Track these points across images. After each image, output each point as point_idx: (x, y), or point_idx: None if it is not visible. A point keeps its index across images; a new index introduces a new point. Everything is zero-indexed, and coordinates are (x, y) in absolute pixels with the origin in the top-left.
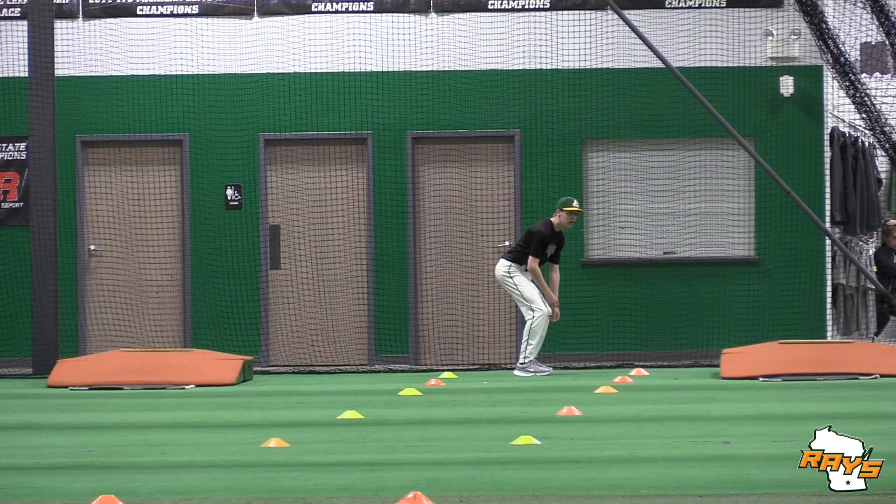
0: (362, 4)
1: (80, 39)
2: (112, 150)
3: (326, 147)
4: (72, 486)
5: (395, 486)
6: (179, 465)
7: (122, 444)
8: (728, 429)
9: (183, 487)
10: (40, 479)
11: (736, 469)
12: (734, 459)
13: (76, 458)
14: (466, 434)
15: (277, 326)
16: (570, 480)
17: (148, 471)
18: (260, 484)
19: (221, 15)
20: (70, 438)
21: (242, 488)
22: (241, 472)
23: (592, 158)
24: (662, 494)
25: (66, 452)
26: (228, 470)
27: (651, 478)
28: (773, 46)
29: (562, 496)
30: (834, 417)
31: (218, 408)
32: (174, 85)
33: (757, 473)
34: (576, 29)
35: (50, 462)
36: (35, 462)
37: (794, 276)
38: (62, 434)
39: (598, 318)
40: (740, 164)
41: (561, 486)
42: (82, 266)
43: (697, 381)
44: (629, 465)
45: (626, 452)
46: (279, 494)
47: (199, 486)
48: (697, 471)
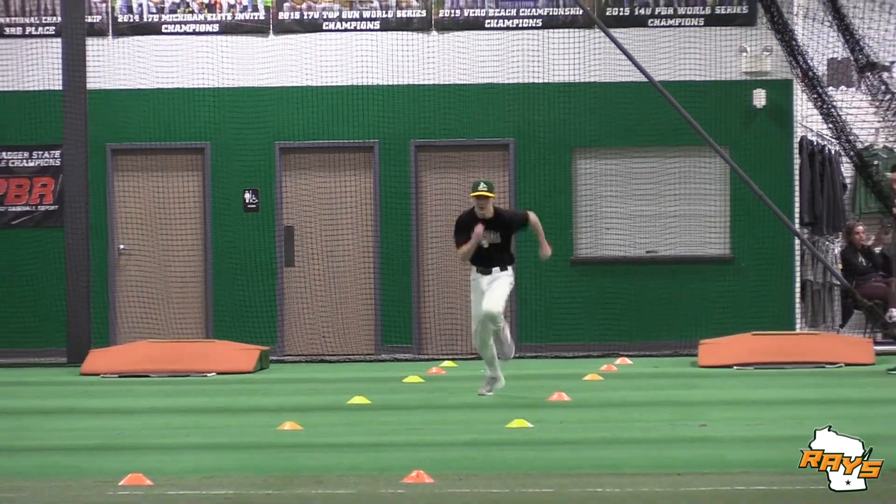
0: (369, 23)
1: (110, 55)
2: (139, 158)
3: (336, 154)
4: (103, 465)
5: (399, 465)
6: (202, 446)
7: (149, 427)
8: (705, 413)
9: (205, 467)
10: (74, 459)
11: (712, 450)
12: (711, 441)
13: (107, 440)
14: (465, 418)
15: (292, 319)
16: (559, 460)
17: (173, 451)
18: (276, 463)
19: (240, 33)
20: (101, 422)
21: (259, 467)
22: (258, 453)
23: (581, 165)
24: (644, 473)
25: (97, 434)
26: (247, 451)
27: (634, 458)
28: (747, 62)
29: (552, 474)
30: (803, 403)
31: (237, 394)
32: (196, 97)
33: (732, 454)
34: (565, 46)
35: (83, 443)
36: (69, 443)
37: (765, 273)
38: (94, 418)
39: (585, 312)
40: (717, 171)
41: (551, 465)
42: (112, 264)
43: (677, 370)
44: (614, 446)
45: (611, 434)
46: (293, 473)
47: (219, 465)
48: (677, 451)
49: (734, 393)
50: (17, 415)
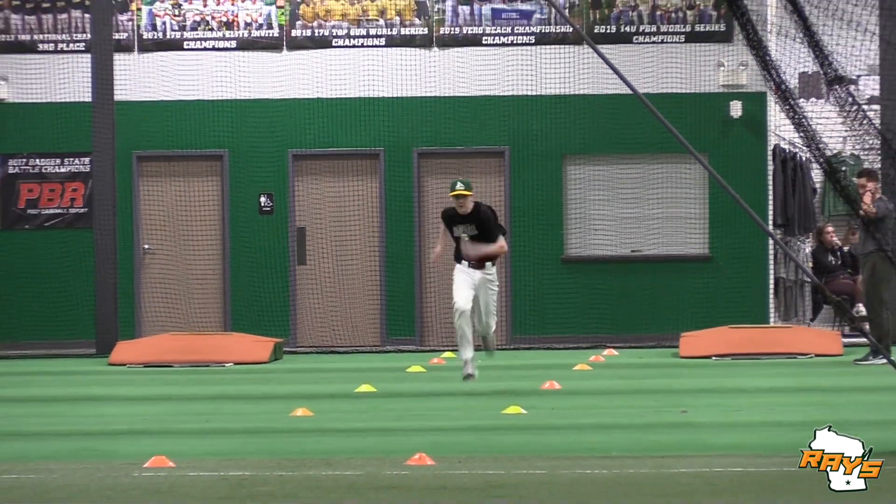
0: (375, 40)
1: (135, 70)
2: (163, 164)
3: (345, 161)
4: (129, 448)
5: (403, 449)
6: (220, 430)
7: (171, 413)
8: (686, 400)
9: (223, 450)
10: (102, 443)
11: (692, 434)
12: (691, 426)
13: (132, 425)
14: (464, 405)
15: (303, 313)
16: (551, 444)
17: (194, 436)
18: (289, 447)
19: (255, 49)
20: (127, 408)
21: (274, 451)
22: (272, 437)
23: (571, 171)
24: (630, 456)
25: (124, 420)
26: (262, 435)
27: (620, 441)
28: (724, 75)
29: (545, 457)
30: (776, 391)
31: (253, 382)
32: (215, 108)
33: (711, 438)
34: (556, 61)
35: (110, 428)
36: (98, 428)
37: (741, 270)
38: (121, 405)
39: (575, 307)
40: (696, 176)
41: (544, 448)
42: (138, 262)
43: (660, 360)
44: (602, 431)
45: (599, 420)
46: (305, 456)
47: (237, 448)
48: (660, 436)
49: (713, 382)
50: (50, 402)
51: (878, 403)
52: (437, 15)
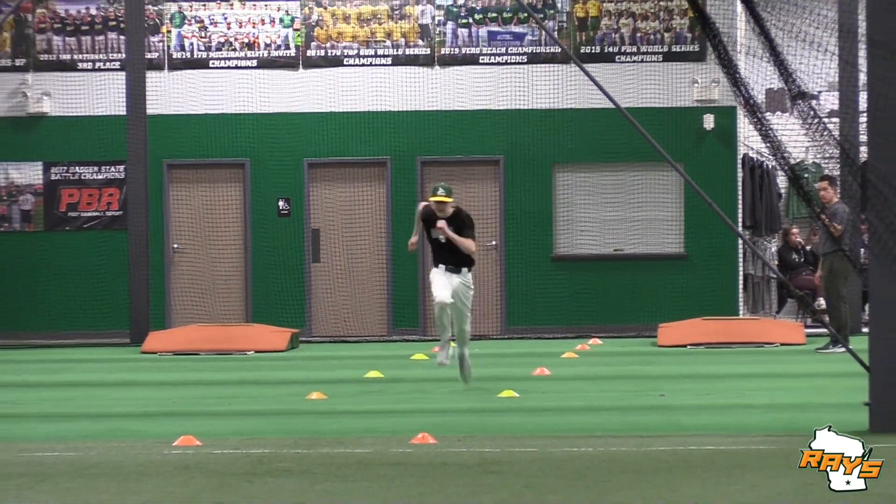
0: (382, 59)
1: (166, 86)
2: (191, 171)
3: (355, 169)
4: (160, 428)
5: (408, 429)
6: (242, 412)
7: (198, 397)
8: (663, 385)
9: (245, 429)
10: (135, 424)
11: (669, 416)
12: (668, 408)
13: (163, 408)
14: (462, 388)
15: (318, 306)
16: (542, 424)
17: (218, 417)
18: (304, 427)
19: (274, 67)
20: (158, 392)
21: (291, 430)
22: (289, 418)
23: (559, 178)
24: (613, 435)
25: (155, 403)
26: (280, 416)
27: (604, 422)
28: (698, 91)
29: (536, 436)
30: (745, 377)
31: (272, 369)
32: (238, 121)
33: (686, 419)
34: (546, 78)
35: (142, 410)
36: (131, 410)
37: (713, 267)
38: (152, 389)
39: (563, 300)
40: (673, 183)
41: (535, 428)
42: (168, 260)
43: (639, 349)
44: (588, 413)
45: (585, 403)
46: (319, 435)
47: (257, 428)
48: (639, 417)
49: (688, 368)
50: (87, 387)
51: (838, 388)
52: (438, 37)
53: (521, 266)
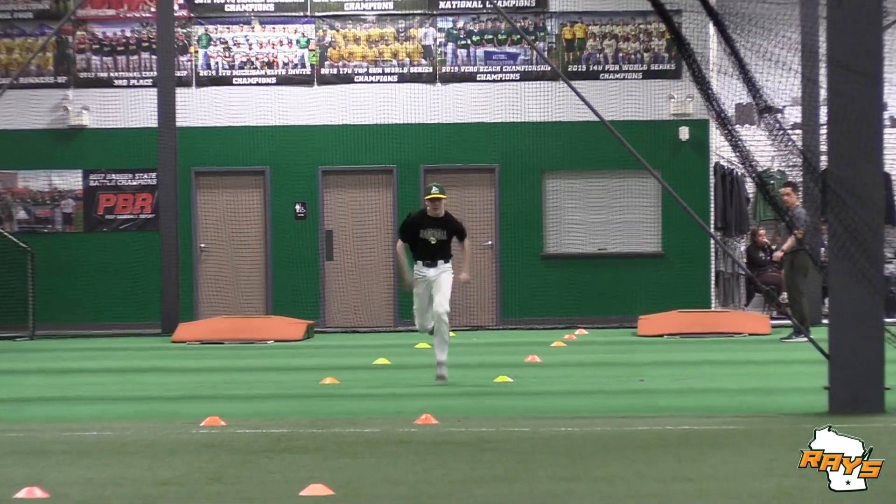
0: (389, 77)
1: (193, 101)
2: (216, 178)
3: (365, 176)
4: (188, 410)
5: (412, 410)
6: (262, 395)
7: (222, 381)
8: (642, 371)
9: (265, 411)
10: (166, 406)
11: (648, 398)
12: (647, 392)
13: (191, 391)
14: (461, 374)
15: (331, 299)
16: (533, 406)
17: (240, 400)
18: (319, 409)
19: (292, 84)
20: (187, 377)
21: (306, 412)
22: (305, 401)
23: (549, 184)
24: (597, 416)
25: (184, 387)
26: (296, 399)
27: (589, 404)
28: (674, 106)
29: (528, 417)
30: (717, 363)
31: (289, 356)
32: (258, 133)
33: (663, 402)
34: (537, 94)
35: (173, 394)
36: (162, 393)
37: (688, 265)
38: (181, 374)
39: (553, 295)
40: (651, 188)
41: (527, 410)
42: (196, 258)
43: (621, 338)
44: (574, 396)
45: (572, 387)
46: (332, 416)
47: (276, 410)
48: (621, 400)
49: (665, 355)
50: (123, 372)
51: (800, 374)
52: (439, 56)
53: (515, 264)
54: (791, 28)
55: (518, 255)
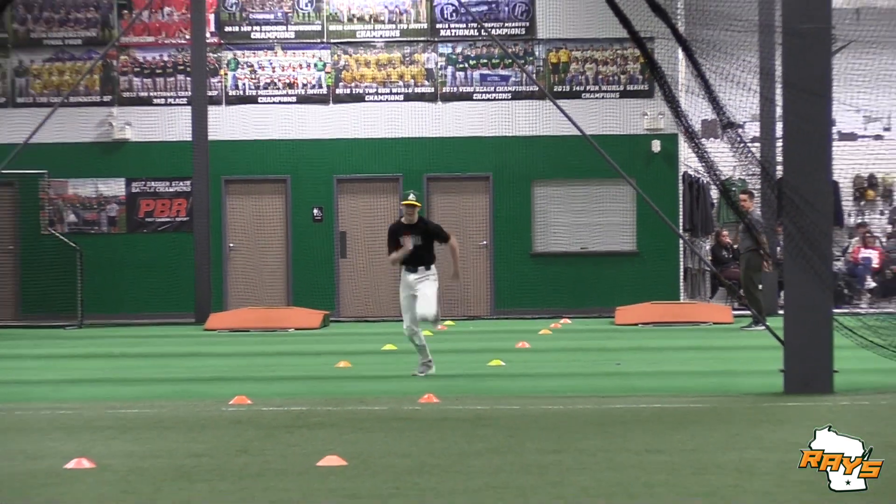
0: (395, 96)
1: (223, 117)
2: (243, 185)
3: (374, 183)
4: (217, 390)
5: (417, 390)
6: (283, 378)
7: (248, 365)
8: (620, 355)
9: (285, 391)
10: (199, 387)
11: (625, 380)
12: (624, 374)
13: (221, 373)
14: (460, 358)
15: (345, 292)
16: (524, 387)
17: (264, 381)
18: (333, 389)
19: (310, 102)
20: (217, 362)
21: (322, 392)
22: (322, 382)
23: (537, 191)
24: (579, 395)
25: (215, 370)
26: (314, 381)
27: (572, 386)
28: (647, 121)
29: (518, 396)
30: (685, 349)
31: (307, 343)
32: (281, 145)
33: (638, 383)
34: (527, 111)
35: (205, 376)
36: (195, 376)
37: (659, 262)
38: (213, 359)
39: (540, 288)
40: (628, 194)
41: (518, 390)
42: (225, 256)
43: (601, 326)
44: (560, 378)
45: (557, 370)
46: (345, 395)
47: (295, 391)
48: (601, 381)
49: (640, 342)
50: (160, 357)
51: (758, 358)
52: (440, 78)
53: (506, 261)
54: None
55: (509, 253)
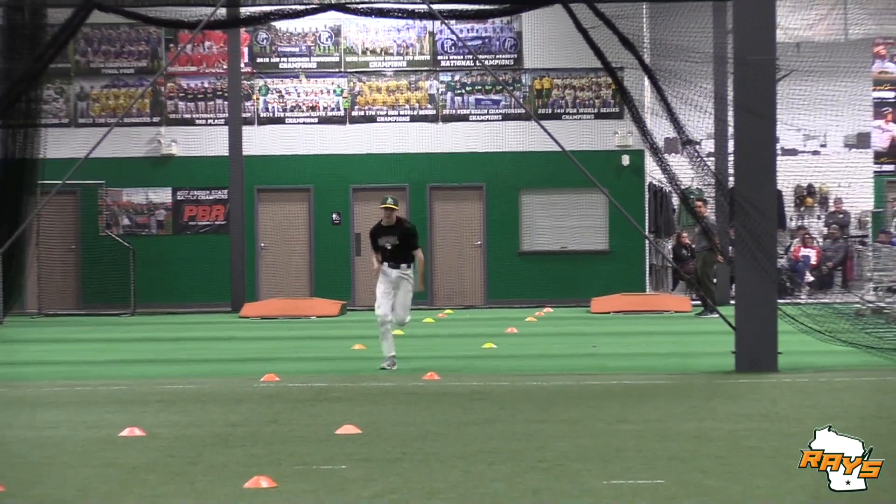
0: (403, 117)
1: (256, 135)
2: (273, 193)
3: (384, 192)
4: (251, 369)
5: (420, 369)
6: (307, 358)
7: (277, 348)
8: (594, 339)
9: (309, 370)
10: (234, 366)
11: (599, 361)
12: (599, 356)
13: (254, 355)
14: (458, 342)
15: (359, 285)
16: (513, 367)
17: (291, 361)
18: (350, 368)
19: (330, 123)
20: (250, 345)
21: (341, 370)
22: (340, 362)
23: (524, 198)
24: (560, 374)
25: (248, 351)
26: (333, 360)
27: (554, 366)
28: (618, 139)
29: (508, 374)
30: (651, 333)
31: (328, 328)
32: (305, 160)
33: (611, 363)
34: (515, 130)
35: (240, 356)
36: (232, 356)
37: (629, 259)
38: (246, 343)
39: (527, 281)
40: (601, 201)
41: (508, 370)
42: (257, 254)
43: (579, 315)
44: (543, 359)
45: (541, 352)
46: (359, 373)
47: (317, 369)
48: (578, 362)
49: (612, 328)
50: (201, 340)
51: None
52: (441, 102)
53: (498, 258)
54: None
55: (500, 251)
